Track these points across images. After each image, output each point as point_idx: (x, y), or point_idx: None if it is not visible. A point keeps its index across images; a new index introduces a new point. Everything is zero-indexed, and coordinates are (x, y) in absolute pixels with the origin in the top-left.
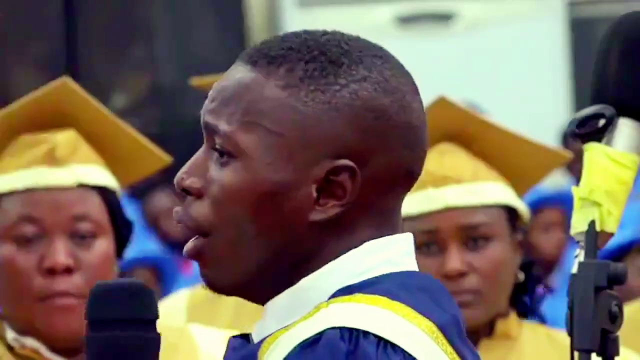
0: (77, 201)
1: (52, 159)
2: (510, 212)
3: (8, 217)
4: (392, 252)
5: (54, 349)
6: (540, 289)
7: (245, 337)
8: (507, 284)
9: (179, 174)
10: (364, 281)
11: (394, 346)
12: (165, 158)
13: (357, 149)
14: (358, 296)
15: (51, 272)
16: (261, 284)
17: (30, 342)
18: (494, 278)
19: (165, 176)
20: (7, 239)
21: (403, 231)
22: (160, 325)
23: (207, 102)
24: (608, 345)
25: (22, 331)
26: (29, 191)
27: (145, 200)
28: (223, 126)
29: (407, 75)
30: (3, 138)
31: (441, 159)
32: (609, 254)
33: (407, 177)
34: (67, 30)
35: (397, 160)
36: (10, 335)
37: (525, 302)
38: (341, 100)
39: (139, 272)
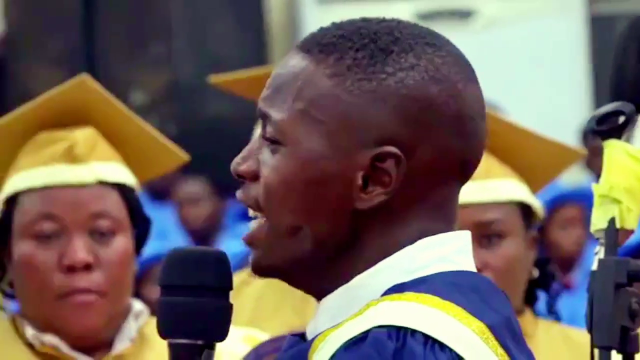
0: (96, 198)
1: (71, 157)
2: (524, 209)
3: (27, 215)
4: (446, 250)
5: (74, 345)
6: (555, 286)
7: (302, 336)
8: (521, 281)
9: (236, 159)
10: (415, 279)
11: (442, 345)
12: (182, 156)
13: (403, 137)
14: (408, 294)
15: (71, 269)
16: (306, 271)
17: (50, 339)
18: (508, 275)
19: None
20: (26, 236)
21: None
22: None
23: (264, 89)
24: (628, 342)
25: (42, 328)
26: (48, 188)
27: (176, 186)
28: (273, 114)
29: (461, 64)
30: (22, 135)
31: None
32: (629, 251)
33: (461, 167)
34: (86, 28)
35: (446, 150)
36: (30, 332)
37: (538, 299)
38: (387, 89)
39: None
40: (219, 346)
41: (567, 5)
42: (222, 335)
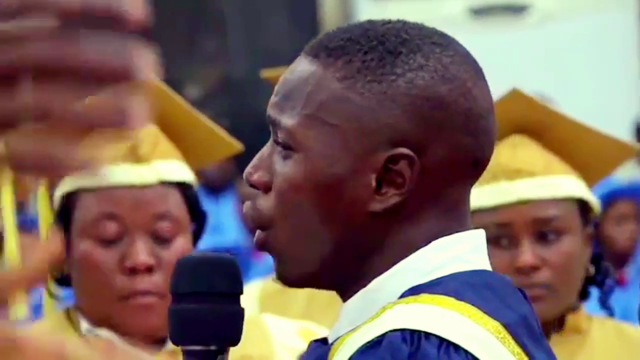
0: (158, 199)
1: (134, 156)
2: (582, 206)
3: (89, 214)
4: (461, 249)
5: (128, 341)
6: (609, 282)
7: (325, 340)
8: (578, 278)
9: (248, 169)
10: (431, 281)
11: (456, 347)
12: (236, 145)
13: (415, 137)
14: (423, 297)
15: (132, 271)
16: (328, 275)
17: (104, 333)
18: (566, 272)
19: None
20: (87, 236)
21: (473, 223)
22: None
23: (272, 95)
24: None
25: (97, 324)
26: (110, 188)
27: (239, 182)
28: (284, 120)
29: (470, 62)
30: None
31: (514, 151)
32: None
33: (472, 166)
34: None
35: (459, 148)
36: (85, 326)
37: (589, 295)
38: (397, 90)
39: None
40: (272, 337)
41: (621, 0)
42: (234, 340)
